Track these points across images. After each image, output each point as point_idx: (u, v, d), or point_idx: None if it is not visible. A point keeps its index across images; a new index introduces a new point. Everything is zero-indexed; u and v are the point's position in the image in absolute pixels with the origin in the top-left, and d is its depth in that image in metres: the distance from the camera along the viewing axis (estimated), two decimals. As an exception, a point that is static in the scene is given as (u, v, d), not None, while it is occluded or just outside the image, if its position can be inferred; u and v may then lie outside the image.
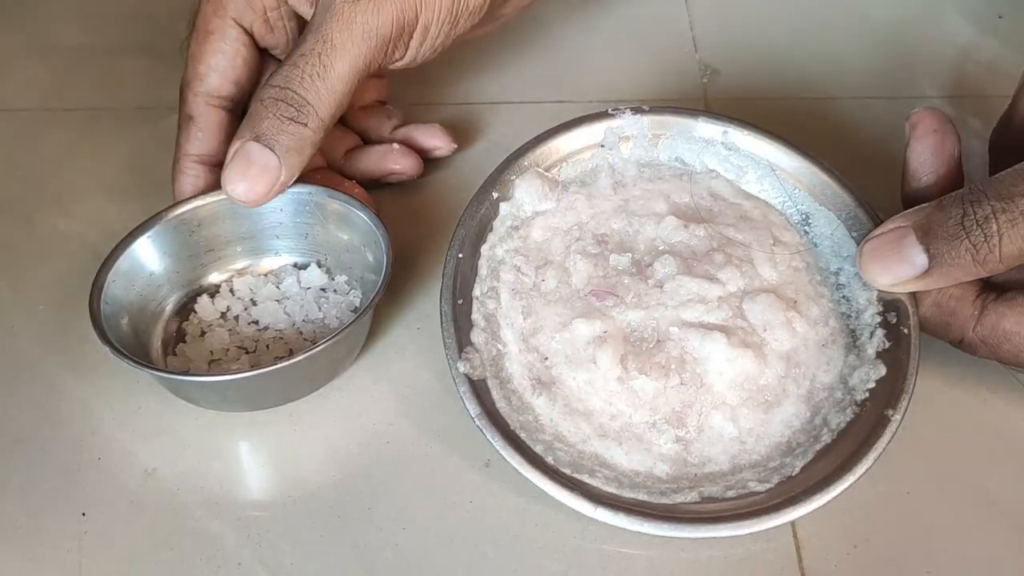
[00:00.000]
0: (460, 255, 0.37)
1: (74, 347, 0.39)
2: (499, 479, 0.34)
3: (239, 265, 0.41)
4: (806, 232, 0.39)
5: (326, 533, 0.33)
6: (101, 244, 0.44)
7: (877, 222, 0.35)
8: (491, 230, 0.38)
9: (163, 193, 0.41)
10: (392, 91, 0.49)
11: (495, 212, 0.38)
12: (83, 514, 0.34)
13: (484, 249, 0.37)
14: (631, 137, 0.40)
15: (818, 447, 0.33)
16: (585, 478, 0.32)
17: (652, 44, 0.53)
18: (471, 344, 0.35)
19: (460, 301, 0.36)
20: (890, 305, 0.35)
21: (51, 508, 0.34)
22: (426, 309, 0.40)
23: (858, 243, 0.35)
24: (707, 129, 0.40)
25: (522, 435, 0.33)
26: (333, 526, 0.33)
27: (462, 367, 0.34)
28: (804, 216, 0.39)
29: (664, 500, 0.32)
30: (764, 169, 0.39)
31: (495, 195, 0.38)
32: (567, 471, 0.32)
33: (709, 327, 0.35)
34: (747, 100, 0.49)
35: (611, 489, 0.32)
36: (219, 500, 0.34)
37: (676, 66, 0.52)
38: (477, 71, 0.54)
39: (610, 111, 0.40)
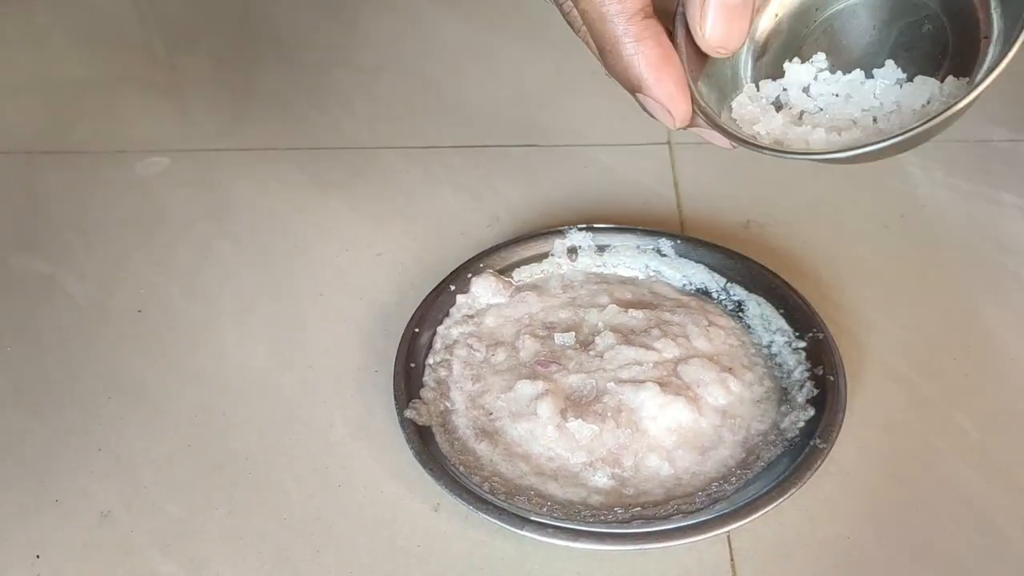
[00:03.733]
0: (416, 329, 0.40)
1: (36, 387, 0.40)
2: (447, 523, 0.35)
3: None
4: (740, 318, 0.42)
5: (275, 575, 0.34)
6: (72, 286, 0.45)
7: (803, 301, 0.40)
8: (447, 315, 0.42)
9: (139, 238, 0.41)
10: (348, 136, 0.49)
11: (452, 301, 0.42)
12: (37, 556, 0.34)
13: (440, 329, 0.41)
14: (579, 248, 0.45)
15: (750, 474, 0.35)
16: (518, 503, 0.33)
17: (619, 88, 0.55)
18: (419, 398, 0.37)
19: (412, 365, 0.39)
20: (816, 360, 0.38)
21: (5, 549, 0.34)
22: (385, 350, 0.41)
23: (785, 319, 0.40)
24: (646, 241, 0.44)
25: (460, 469, 0.35)
26: (282, 569, 0.34)
27: (408, 413, 0.36)
28: (737, 304, 0.43)
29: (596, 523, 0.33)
30: (699, 267, 0.44)
31: (452, 287, 0.42)
32: (502, 498, 0.33)
33: (643, 381, 0.37)
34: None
35: (543, 512, 0.33)
36: (171, 542, 0.34)
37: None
38: (438, 113, 0.55)
39: (559, 229, 0.45)
